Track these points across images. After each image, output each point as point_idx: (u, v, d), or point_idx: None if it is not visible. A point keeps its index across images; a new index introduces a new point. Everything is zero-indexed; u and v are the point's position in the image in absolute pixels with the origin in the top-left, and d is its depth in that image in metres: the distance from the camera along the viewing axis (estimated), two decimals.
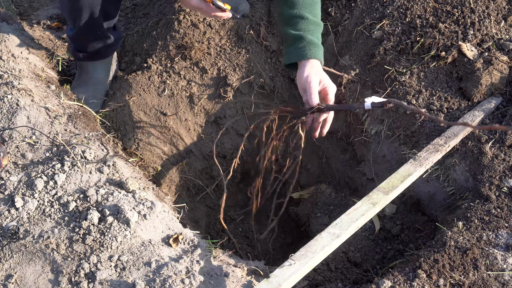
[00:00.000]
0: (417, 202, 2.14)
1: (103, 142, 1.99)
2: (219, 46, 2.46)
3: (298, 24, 1.90)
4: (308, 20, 1.89)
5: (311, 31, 1.90)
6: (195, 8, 1.93)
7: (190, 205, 2.48)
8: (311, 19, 1.90)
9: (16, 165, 1.80)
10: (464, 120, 2.04)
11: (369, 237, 2.09)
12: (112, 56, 2.46)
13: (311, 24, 1.90)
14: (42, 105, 2.00)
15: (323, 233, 1.63)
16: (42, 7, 3.04)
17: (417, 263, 1.68)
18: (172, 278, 1.53)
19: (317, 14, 1.95)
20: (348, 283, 1.87)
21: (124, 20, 2.84)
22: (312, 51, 1.87)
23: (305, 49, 1.88)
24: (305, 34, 1.88)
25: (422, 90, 2.19)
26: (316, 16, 1.93)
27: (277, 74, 2.55)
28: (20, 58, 2.22)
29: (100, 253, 1.57)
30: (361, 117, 2.35)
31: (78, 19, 2.16)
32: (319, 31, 1.95)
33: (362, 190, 2.40)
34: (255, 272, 1.68)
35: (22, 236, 1.61)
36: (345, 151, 2.55)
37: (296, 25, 1.91)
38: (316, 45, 1.89)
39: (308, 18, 1.89)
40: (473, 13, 2.25)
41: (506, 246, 1.68)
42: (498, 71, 2.13)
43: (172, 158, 2.43)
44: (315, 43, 1.89)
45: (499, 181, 1.87)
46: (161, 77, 2.39)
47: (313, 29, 1.91)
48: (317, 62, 1.88)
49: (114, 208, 1.67)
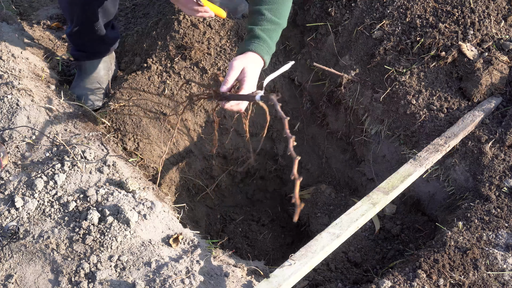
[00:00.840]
0: (417, 202, 2.14)
1: (103, 142, 1.99)
2: (219, 46, 2.46)
3: (253, 19, 1.87)
4: (264, 17, 1.85)
5: (262, 27, 1.85)
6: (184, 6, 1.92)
7: (190, 205, 2.48)
8: (267, 17, 1.85)
9: (16, 165, 1.80)
10: (464, 121, 2.04)
11: (369, 237, 2.09)
12: (111, 56, 2.47)
13: (266, 21, 1.85)
14: (42, 105, 2.00)
15: (323, 233, 1.63)
16: (42, 7, 3.04)
17: (417, 263, 1.68)
18: (172, 278, 1.53)
19: (278, 13, 1.88)
20: (348, 283, 1.87)
21: (124, 20, 2.84)
22: (255, 45, 1.81)
23: (249, 41, 1.83)
24: (255, 29, 1.84)
25: (422, 90, 2.19)
26: (275, 15, 1.87)
27: None
28: (20, 58, 2.23)
29: (100, 253, 1.57)
30: (361, 117, 2.35)
31: (75, 15, 2.16)
32: (274, 30, 1.88)
33: (362, 190, 2.40)
34: (255, 272, 1.68)
35: (22, 236, 1.61)
36: (345, 151, 2.55)
37: (251, 19, 1.88)
38: (263, 41, 1.83)
39: (265, 15, 1.85)
40: (473, 13, 2.25)
41: (506, 246, 1.68)
42: (498, 71, 2.13)
43: (172, 158, 2.43)
44: (261, 38, 1.83)
45: (499, 181, 1.87)
46: (161, 77, 2.39)
47: (265, 26, 1.85)
48: (256, 57, 1.81)
49: (114, 208, 1.67)
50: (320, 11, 2.57)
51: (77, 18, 2.18)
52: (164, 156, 2.35)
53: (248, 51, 1.79)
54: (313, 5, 2.58)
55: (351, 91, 2.38)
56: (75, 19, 2.19)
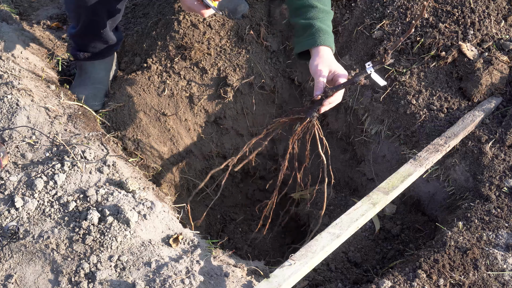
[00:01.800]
0: (417, 202, 2.14)
1: (103, 142, 1.99)
2: (219, 46, 2.46)
3: (307, 13, 1.90)
4: (318, 9, 1.89)
5: (320, 18, 1.89)
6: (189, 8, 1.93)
7: (190, 205, 2.48)
8: (320, 7, 1.89)
9: (16, 165, 1.80)
10: (464, 121, 2.04)
11: (369, 237, 2.09)
12: (112, 56, 2.47)
13: (320, 12, 1.89)
14: (42, 105, 2.00)
15: (323, 233, 1.63)
16: (42, 7, 3.04)
17: (417, 263, 1.68)
18: (172, 278, 1.53)
19: (326, 2, 1.94)
20: (348, 283, 1.87)
21: (124, 20, 2.84)
22: (322, 38, 1.85)
23: (315, 36, 1.86)
24: (315, 22, 1.87)
25: (422, 90, 2.19)
26: (325, 5, 1.93)
27: (277, 74, 2.55)
28: (20, 58, 2.22)
29: (100, 253, 1.57)
30: (361, 117, 2.35)
31: (82, 17, 2.16)
32: (329, 19, 1.94)
33: (362, 190, 2.40)
34: (255, 272, 1.68)
35: (22, 236, 1.61)
36: (345, 151, 2.55)
37: (305, 14, 1.90)
38: (326, 32, 1.88)
39: (317, 7, 1.89)
40: (473, 13, 2.25)
41: (506, 246, 1.68)
42: (498, 71, 2.13)
43: (172, 158, 2.43)
44: (324, 30, 1.88)
45: (499, 181, 1.87)
46: (161, 77, 2.39)
47: (322, 17, 1.90)
48: (328, 49, 1.86)
49: (114, 208, 1.67)
50: None
51: (83, 20, 2.17)
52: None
53: (319, 45, 1.84)
54: None
55: (351, 91, 2.38)
56: (81, 22, 2.18)
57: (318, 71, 1.79)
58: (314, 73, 1.81)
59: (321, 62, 1.81)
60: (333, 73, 1.81)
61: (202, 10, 1.86)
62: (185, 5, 1.89)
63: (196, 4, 1.85)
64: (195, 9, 1.87)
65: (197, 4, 1.85)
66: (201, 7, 1.86)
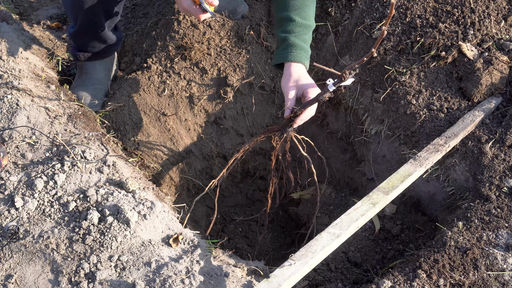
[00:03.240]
0: (417, 202, 2.14)
1: (103, 142, 1.99)
2: (219, 46, 2.46)
3: (285, 26, 1.91)
4: (295, 23, 1.89)
5: (296, 33, 1.89)
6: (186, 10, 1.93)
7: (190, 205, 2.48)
8: (298, 22, 1.89)
9: (16, 165, 1.80)
10: (464, 121, 2.04)
11: (369, 237, 2.09)
12: (112, 56, 2.47)
13: (297, 26, 1.89)
14: (42, 105, 2.00)
15: (323, 233, 1.63)
16: (42, 7, 3.04)
17: (417, 263, 1.68)
18: (172, 278, 1.53)
19: (307, 16, 1.93)
20: (348, 283, 1.87)
21: (124, 20, 2.84)
22: (293, 54, 1.86)
23: (287, 51, 1.88)
24: (289, 37, 1.88)
25: (422, 90, 2.19)
26: (305, 19, 1.92)
27: (277, 74, 2.55)
28: (20, 58, 2.23)
29: (100, 253, 1.57)
30: (361, 117, 2.35)
31: (79, 16, 2.16)
32: (306, 33, 1.93)
33: (362, 190, 2.40)
34: (255, 272, 1.68)
35: (22, 236, 1.61)
36: (345, 151, 2.55)
37: (283, 27, 1.92)
38: (299, 48, 1.88)
39: (295, 21, 1.89)
40: (473, 13, 2.25)
41: (506, 246, 1.68)
42: (498, 71, 2.13)
43: (172, 158, 2.43)
44: (297, 46, 1.88)
45: (499, 181, 1.87)
46: (161, 77, 2.39)
47: (298, 31, 1.90)
48: (298, 66, 1.87)
49: (114, 208, 1.67)
50: (320, 11, 2.57)
51: (81, 20, 2.17)
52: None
53: (288, 61, 1.86)
54: None
55: (351, 91, 2.38)
56: (79, 21, 2.18)
57: (285, 90, 1.85)
58: (283, 91, 1.86)
59: (289, 80, 1.85)
60: (301, 89, 1.84)
61: (200, 14, 1.86)
62: (181, 7, 1.89)
63: (193, 7, 1.85)
64: (192, 12, 1.87)
65: (194, 7, 1.85)
66: (198, 11, 1.86)
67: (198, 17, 1.88)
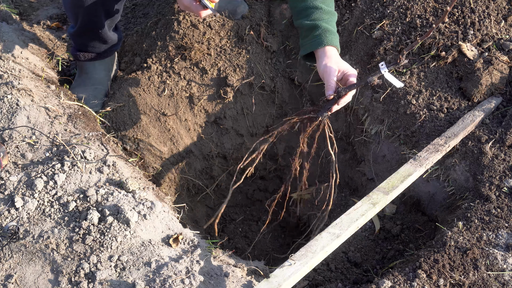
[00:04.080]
0: (417, 202, 2.14)
1: (103, 142, 1.99)
2: (219, 46, 2.46)
3: (312, 15, 1.91)
4: (322, 10, 1.90)
5: (325, 19, 1.90)
6: (187, 7, 1.93)
7: (190, 205, 2.48)
8: (324, 9, 1.90)
9: (16, 165, 1.80)
10: (464, 121, 2.04)
11: (369, 237, 2.09)
12: (112, 56, 2.47)
13: (325, 13, 1.90)
14: (42, 105, 2.00)
15: (323, 233, 1.63)
16: (42, 7, 3.04)
17: (417, 263, 1.68)
18: (172, 278, 1.53)
19: (329, 4, 1.95)
20: (348, 283, 1.87)
21: (124, 20, 2.84)
22: (328, 38, 1.86)
23: (321, 37, 1.86)
24: (320, 23, 1.88)
25: (422, 90, 2.19)
26: (329, 6, 1.93)
27: (277, 74, 2.55)
28: (20, 58, 2.22)
29: (100, 253, 1.57)
30: (361, 117, 2.35)
31: (79, 16, 2.16)
32: (333, 20, 1.94)
33: (362, 190, 2.40)
34: (255, 272, 1.68)
35: (22, 236, 1.61)
36: (345, 151, 2.55)
37: (310, 15, 1.91)
38: (332, 32, 1.88)
39: (322, 8, 1.90)
40: (473, 13, 2.25)
41: (506, 246, 1.68)
42: (498, 71, 2.13)
43: (172, 158, 2.43)
44: (330, 31, 1.88)
45: (499, 181, 1.87)
46: (161, 77, 2.39)
47: (327, 18, 1.91)
48: (334, 50, 1.87)
49: (114, 208, 1.67)
50: None
51: (81, 20, 2.17)
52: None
53: (326, 45, 1.85)
54: None
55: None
56: (79, 21, 2.18)
57: (328, 71, 1.79)
58: (324, 72, 1.81)
59: (330, 62, 1.81)
60: (342, 73, 1.81)
61: (201, 11, 1.86)
62: (182, 4, 1.89)
63: (194, 4, 1.85)
64: (193, 9, 1.87)
65: (195, 4, 1.85)
66: (199, 8, 1.85)
67: (199, 14, 1.87)
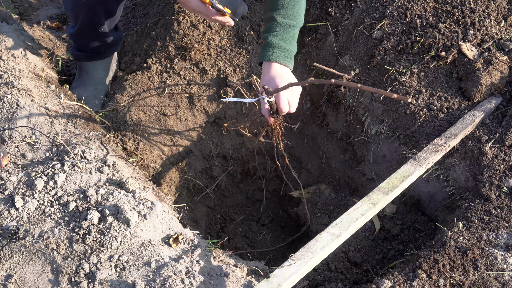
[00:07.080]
0: (417, 202, 2.14)
1: (103, 142, 1.99)
2: (219, 46, 2.46)
3: (267, 25, 1.92)
4: (276, 22, 1.89)
5: (275, 32, 1.89)
6: (195, 10, 1.93)
7: (190, 205, 2.48)
8: (279, 21, 1.89)
9: (16, 165, 1.80)
10: (464, 121, 2.04)
11: (369, 237, 2.09)
12: (112, 56, 2.47)
13: (278, 26, 1.89)
14: (42, 105, 2.00)
15: (323, 233, 1.63)
16: (42, 7, 3.04)
17: (417, 263, 1.68)
18: (172, 278, 1.53)
19: (290, 15, 1.91)
20: (348, 283, 1.87)
21: (124, 20, 2.84)
22: (270, 53, 1.87)
23: (263, 50, 1.89)
24: (268, 36, 1.89)
25: (422, 90, 2.19)
26: (288, 18, 1.90)
27: None
28: (20, 58, 2.23)
29: (100, 253, 1.57)
30: (361, 117, 2.35)
31: (79, 16, 2.16)
32: (287, 32, 1.91)
33: (362, 190, 2.40)
34: (255, 272, 1.68)
35: (22, 236, 1.61)
36: (345, 151, 2.55)
37: (266, 26, 1.93)
38: (277, 47, 1.87)
39: (276, 20, 1.89)
40: (473, 13, 2.25)
41: (506, 246, 1.68)
42: (498, 71, 2.13)
43: (172, 158, 2.43)
44: (275, 45, 1.87)
45: (499, 181, 1.87)
46: (161, 77, 2.39)
47: (278, 31, 1.89)
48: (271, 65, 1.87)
49: (114, 208, 1.67)
50: (320, 11, 2.57)
51: (81, 19, 2.17)
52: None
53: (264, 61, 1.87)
54: (313, 5, 2.58)
55: (351, 91, 2.38)
56: (79, 21, 2.18)
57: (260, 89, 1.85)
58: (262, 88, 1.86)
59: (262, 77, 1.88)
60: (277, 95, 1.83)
61: (217, 16, 1.88)
62: (188, 7, 1.89)
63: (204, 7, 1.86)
64: (203, 12, 1.89)
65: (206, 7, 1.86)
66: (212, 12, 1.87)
67: (214, 18, 1.88)
